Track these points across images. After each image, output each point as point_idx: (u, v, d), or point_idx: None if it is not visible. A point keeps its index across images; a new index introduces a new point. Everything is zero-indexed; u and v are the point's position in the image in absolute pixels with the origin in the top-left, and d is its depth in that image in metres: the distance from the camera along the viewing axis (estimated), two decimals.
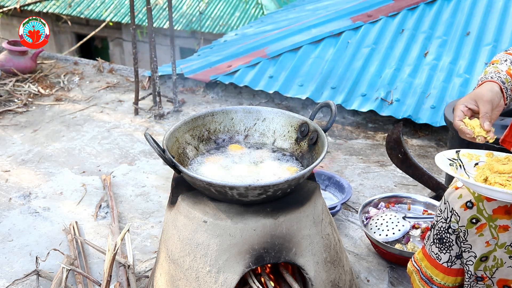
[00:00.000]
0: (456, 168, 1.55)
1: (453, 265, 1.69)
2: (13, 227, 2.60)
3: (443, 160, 1.53)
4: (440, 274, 1.71)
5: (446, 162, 1.54)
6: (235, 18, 10.03)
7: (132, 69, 4.52)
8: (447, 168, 1.49)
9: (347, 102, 3.77)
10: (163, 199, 2.86)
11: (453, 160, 1.56)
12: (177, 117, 3.89)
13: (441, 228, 1.67)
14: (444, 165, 1.51)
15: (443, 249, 1.69)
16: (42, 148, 3.40)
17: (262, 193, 1.58)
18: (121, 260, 2.21)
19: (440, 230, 1.68)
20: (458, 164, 1.56)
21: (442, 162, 1.53)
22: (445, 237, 1.66)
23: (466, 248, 1.63)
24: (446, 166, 1.51)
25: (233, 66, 4.24)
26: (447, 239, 1.66)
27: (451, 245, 1.67)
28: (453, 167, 1.54)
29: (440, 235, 1.68)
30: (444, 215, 1.64)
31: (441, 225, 1.67)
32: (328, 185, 2.83)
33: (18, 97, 4.10)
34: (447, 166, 1.51)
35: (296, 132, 1.91)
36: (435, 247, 1.71)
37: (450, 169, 1.50)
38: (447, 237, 1.66)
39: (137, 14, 9.43)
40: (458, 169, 1.55)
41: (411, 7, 4.48)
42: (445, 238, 1.66)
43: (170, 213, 1.78)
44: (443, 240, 1.68)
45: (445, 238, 1.66)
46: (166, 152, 1.64)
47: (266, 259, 1.67)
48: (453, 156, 1.58)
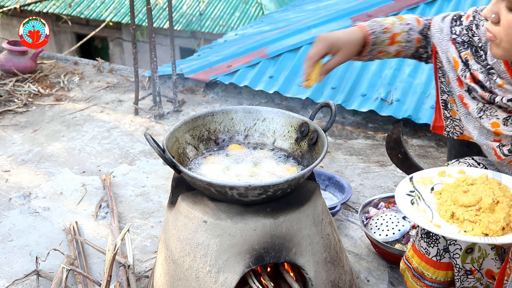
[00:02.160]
0: (417, 201, 1.46)
1: (442, 258, 1.70)
2: (13, 227, 2.60)
3: (404, 200, 1.45)
4: (431, 269, 1.72)
5: (407, 200, 1.46)
6: (235, 18, 10.03)
7: (132, 69, 4.52)
8: (411, 211, 1.41)
9: (347, 102, 3.77)
10: (163, 199, 2.86)
11: (411, 194, 1.49)
12: (177, 117, 3.89)
13: None
14: (406, 206, 1.42)
15: (430, 243, 1.70)
16: (42, 148, 3.40)
17: (262, 193, 1.58)
18: (121, 260, 2.21)
19: None
20: (417, 196, 1.48)
21: (404, 202, 1.43)
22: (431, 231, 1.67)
23: (452, 240, 1.65)
24: (408, 207, 1.42)
25: (233, 66, 4.24)
26: (433, 232, 1.66)
27: (437, 238, 1.69)
28: (415, 203, 1.45)
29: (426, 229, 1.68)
30: None
31: None
32: (328, 185, 2.83)
33: (18, 97, 4.10)
34: (410, 208, 1.43)
35: (296, 132, 1.91)
36: (423, 242, 1.73)
37: (414, 210, 1.42)
38: None
39: (137, 14, 9.43)
40: (419, 201, 1.47)
41: (411, 7, 4.48)
42: (431, 232, 1.67)
43: (170, 213, 1.78)
44: (430, 233, 1.69)
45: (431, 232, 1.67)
46: (166, 152, 1.64)
47: (266, 259, 1.67)
48: (410, 189, 1.50)
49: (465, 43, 1.59)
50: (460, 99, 1.64)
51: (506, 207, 1.36)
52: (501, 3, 1.35)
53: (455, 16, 1.65)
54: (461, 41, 1.60)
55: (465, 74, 1.58)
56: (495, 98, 1.51)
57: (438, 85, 1.73)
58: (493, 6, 1.37)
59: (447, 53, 1.63)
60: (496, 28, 1.38)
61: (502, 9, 1.35)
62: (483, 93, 1.54)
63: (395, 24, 1.69)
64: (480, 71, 1.54)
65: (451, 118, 1.74)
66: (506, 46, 1.38)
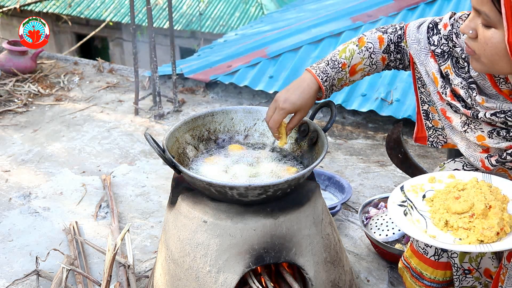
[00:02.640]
0: (410, 211, 1.46)
1: (440, 258, 1.69)
2: (13, 227, 2.60)
3: (397, 211, 1.44)
4: (429, 269, 1.72)
5: (400, 210, 1.45)
6: (235, 18, 10.04)
7: (132, 69, 4.52)
8: (404, 223, 1.40)
9: (347, 102, 3.77)
10: (163, 199, 2.86)
11: (404, 204, 1.48)
12: (177, 117, 3.89)
13: None
14: (399, 218, 1.42)
15: None
16: (42, 148, 3.40)
17: (262, 193, 1.58)
18: (121, 260, 2.21)
19: None
20: (409, 206, 1.47)
21: (397, 213, 1.43)
22: None
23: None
24: (402, 219, 1.42)
25: (233, 66, 4.24)
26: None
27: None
28: (408, 213, 1.45)
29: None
30: None
31: None
32: (328, 185, 2.83)
33: (18, 97, 4.10)
34: (403, 219, 1.42)
35: (296, 132, 1.91)
36: (421, 242, 1.72)
37: (407, 222, 1.41)
38: None
39: (137, 14, 9.44)
40: (412, 212, 1.46)
41: (411, 7, 4.48)
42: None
43: (170, 213, 1.78)
44: None
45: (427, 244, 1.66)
46: (166, 152, 1.64)
47: (266, 259, 1.67)
48: (402, 199, 1.49)
49: (445, 53, 1.56)
50: (443, 113, 1.61)
51: (499, 212, 1.36)
52: (477, 19, 1.34)
53: (431, 24, 1.61)
54: (441, 52, 1.57)
55: (445, 92, 1.55)
56: (478, 114, 1.49)
57: (418, 95, 1.71)
58: (470, 22, 1.36)
59: (426, 67, 1.60)
60: (475, 44, 1.36)
61: (479, 25, 1.34)
62: (465, 110, 1.51)
63: (353, 56, 1.68)
64: (460, 86, 1.51)
65: (434, 128, 1.73)
66: (485, 61, 1.36)
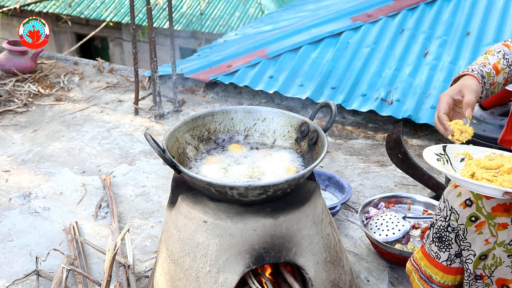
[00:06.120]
0: (444, 163, 1.58)
1: (452, 263, 1.69)
2: (13, 227, 2.60)
3: (430, 155, 1.57)
4: (440, 273, 1.72)
5: (434, 157, 1.58)
6: (235, 18, 10.03)
7: (132, 69, 4.52)
8: (435, 163, 1.53)
9: (347, 102, 3.77)
10: (163, 199, 2.86)
11: (440, 155, 1.60)
12: (177, 117, 3.89)
13: (440, 227, 1.67)
14: (431, 159, 1.55)
15: (442, 247, 1.69)
16: (42, 148, 3.40)
17: (262, 193, 1.58)
18: (121, 260, 2.21)
19: (439, 229, 1.68)
20: (445, 159, 1.60)
21: (430, 157, 1.57)
22: (444, 236, 1.66)
23: (466, 246, 1.63)
24: (433, 161, 1.55)
25: (233, 66, 4.24)
26: (446, 237, 1.66)
27: (450, 244, 1.67)
28: (440, 162, 1.57)
29: (439, 233, 1.68)
30: (443, 213, 1.64)
31: (440, 224, 1.67)
32: (328, 185, 2.83)
33: (18, 97, 4.10)
34: (435, 161, 1.55)
35: (296, 132, 1.91)
36: (434, 246, 1.71)
37: (437, 163, 1.54)
38: (446, 235, 1.66)
39: (137, 14, 9.43)
40: (446, 164, 1.58)
41: (411, 7, 4.48)
42: (444, 236, 1.66)
43: (170, 213, 1.78)
44: (443, 238, 1.68)
45: (445, 236, 1.66)
46: (166, 152, 1.64)
47: (266, 259, 1.67)
48: (440, 152, 1.61)
49: None
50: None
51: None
52: None
53: None
54: None
55: None
56: None
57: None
58: None
59: None
60: None
61: None
62: None
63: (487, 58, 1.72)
64: None
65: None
66: None
